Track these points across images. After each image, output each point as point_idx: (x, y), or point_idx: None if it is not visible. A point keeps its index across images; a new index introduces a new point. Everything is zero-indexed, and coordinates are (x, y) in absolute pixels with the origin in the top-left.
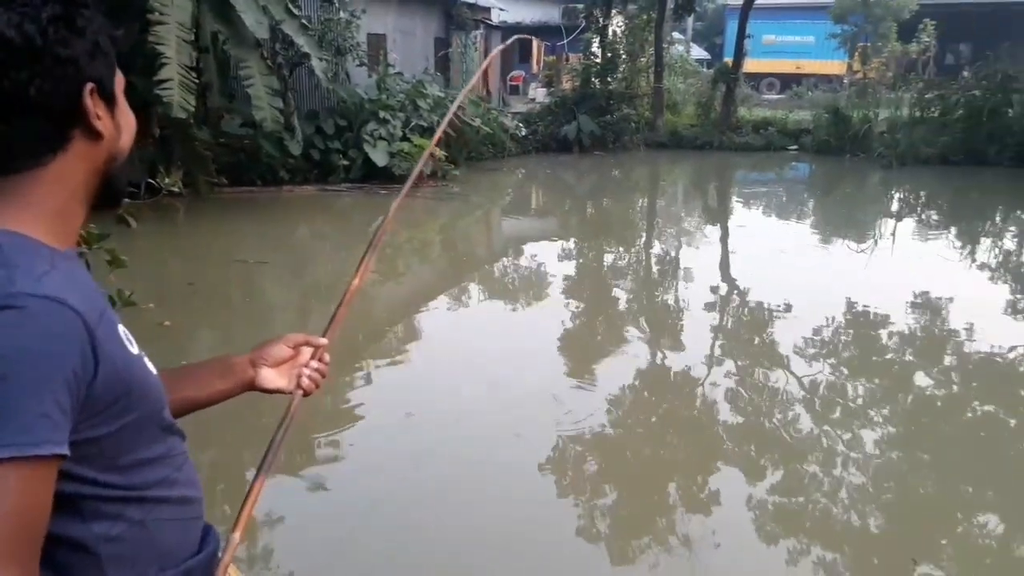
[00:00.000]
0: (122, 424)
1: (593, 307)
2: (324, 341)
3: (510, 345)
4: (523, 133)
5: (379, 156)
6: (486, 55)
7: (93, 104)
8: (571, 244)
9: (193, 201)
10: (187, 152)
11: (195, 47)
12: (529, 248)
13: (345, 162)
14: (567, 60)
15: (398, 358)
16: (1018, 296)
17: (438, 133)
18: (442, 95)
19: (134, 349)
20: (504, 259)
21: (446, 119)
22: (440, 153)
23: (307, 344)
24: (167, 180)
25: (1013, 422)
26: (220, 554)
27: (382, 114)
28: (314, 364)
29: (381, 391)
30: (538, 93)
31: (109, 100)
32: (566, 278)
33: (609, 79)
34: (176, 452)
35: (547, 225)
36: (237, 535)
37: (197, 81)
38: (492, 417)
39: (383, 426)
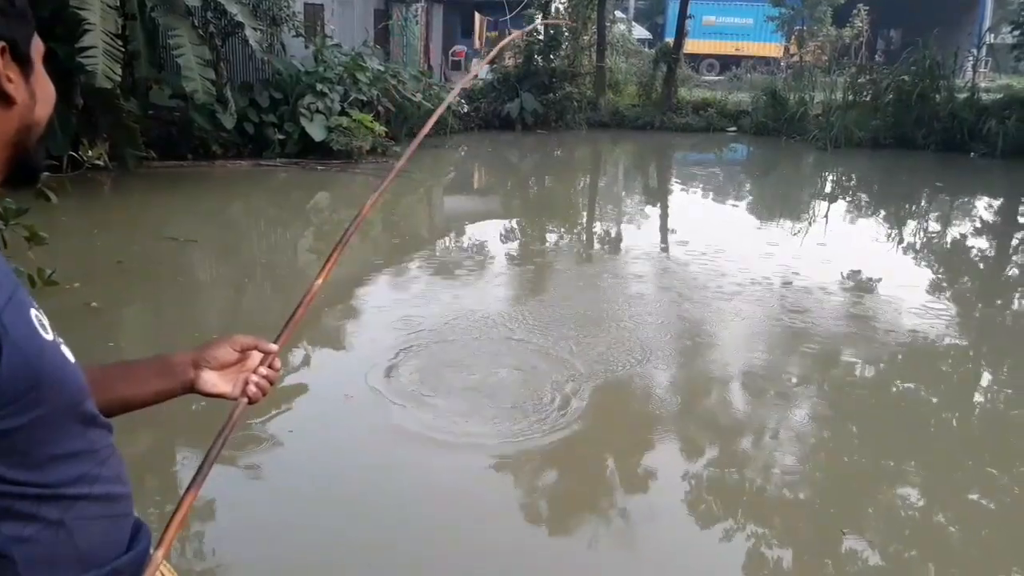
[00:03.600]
0: (34, 417)
1: (535, 286)
2: (274, 347)
3: (452, 325)
4: (465, 110)
5: (316, 130)
6: (427, 29)
7: (3, 65)
8: (514, 224)
9: (120, 175)
10: (113, 124)
11: (121, 13)
12: (472, 227)
13: (281, 136)
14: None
15: (336, 340)
16: (940, 275)
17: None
18: (382, 69)
19: (48, 335)
20: (447, 238)
21: (452, 94)
22: (380, 129)
23: (256, 348)
24: (91, 153)
25: (934, 398)
26: (152, 551)
27: (319, 87)
28: (263, 371)
29: (319, 373)
30: (480, 69)
31: (23, 64)
32: (509, 257)
33: (552, 57)
34: (99, 446)
35: (490, 204)
36: (160, 553)
37: (123, 50)
38: (432, 399)
39: (322, 409)
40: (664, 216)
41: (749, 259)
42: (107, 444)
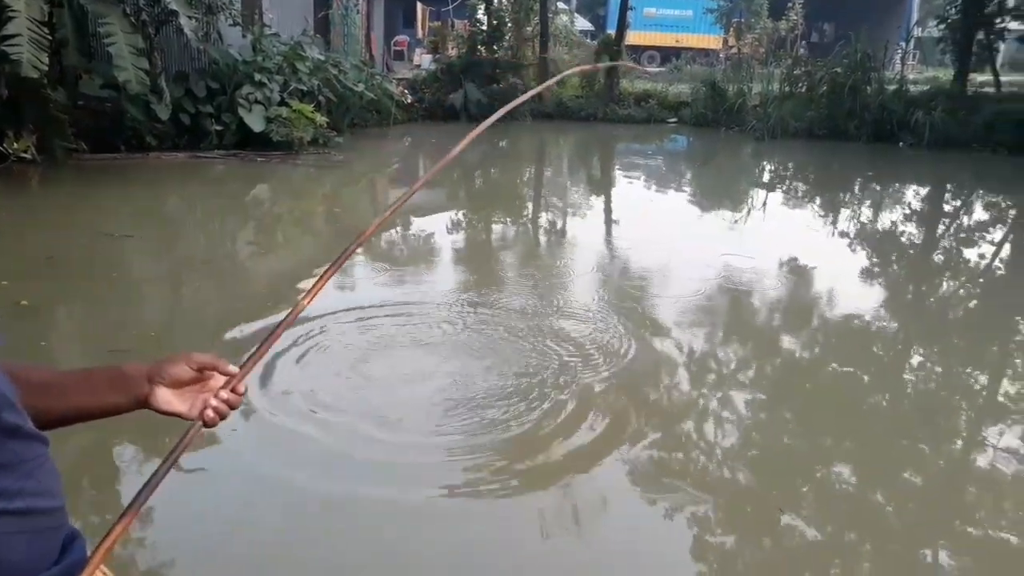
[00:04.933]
0: None
1: (482, 278)
2: (235, 370)
3: (397, 319)
4: (409, 100)
5: (255, 121)
6: (368, 18)
7: None
8: (460, 215)
9: (49, 168)
10: (40, 115)
11: (47, 0)
12: (417, 219)
13: (218, 127)
14: (453, 26)
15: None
16: (873, 261)
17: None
18: (322, 58)
19: None
20: (392, 230)
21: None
22: (321, 119)
23: (214, 369)
24: (16, 145)
25: (866, 378)
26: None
27: (258, 77)
28: (224, 394)
29: (257, 369)
30: (423, 59)
31: None
32: (455, 249)
33: (495, 47)
34: (23, 459)
35: (435, 196)
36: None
37: (50, 38)
38: (375, 399)
39: (262, 406)
40: (608, 206)
41: (689, 247)
42: (35, 456)
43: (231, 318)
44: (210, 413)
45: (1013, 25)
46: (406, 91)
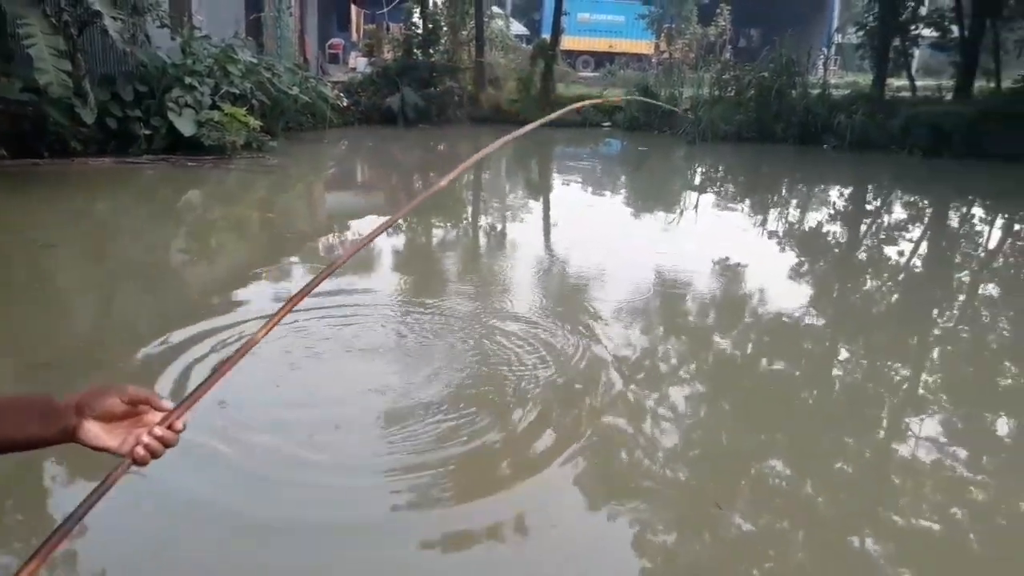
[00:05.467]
0: None
1: (420, 282)
2: (170, 405)
3: (334, 325)
4: (345, 103)
5: (186, 125)
6: (301, 21)
7: None
8: (399, 219)
9: None
10: None
11: None
12: (356, 223)
13: (147, 132)
14: (388, 29)
15: (214, 344)
16: (801, 260)
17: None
18: (255, 61)
19: None
20: (329, 235)
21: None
22: (254, 123)
23: (148, 403)
24: None
25: (797, 373)
26: None
27: (188, 80)
28: (159, 431)
29: (195, 380)
30: (358, 63)
31: None
32: (394, 252)
33: (431, 51)
34: None
35: (374, 199)
36: None
37: None
38: (309, 409)
39: (196, 418)
40: (546, 209)
41: (626, 249)
42: None
43: (160, 329)
44: (141, 451)
45: (926, 32)
46: (341, 94)
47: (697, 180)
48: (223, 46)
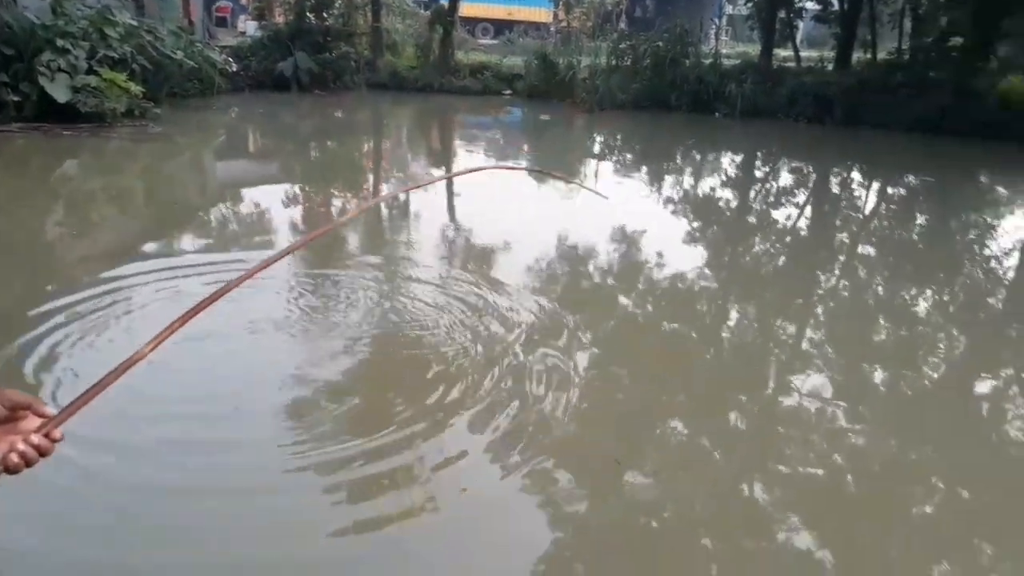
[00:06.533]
0: None
1: (321, 255)
2: (51, 412)
3: (233, 299)
4: (234, 69)
5: (59, 91)
6: None
7: None
8: (296, 188)
9: None
10: None
11: None
12: (249, 193)
13: (16, 98)
14: None
15: (96, 325)
16: (696, 225)
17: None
18: (135, 24)
19: None
20: (221, 206)
21: None
22: (136, 89)
23: (29, 409)
24: None
25: (694, 334)
26: None
27: (60, 43)
28: (35, 439)
29: (75, 363)
30: (248, 26)
31: None
32: (291, 225)
33: (325, 15)
34: None
35: (268, 168)
36: None
37: None
38: (207, 388)
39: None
40: (449, 178)
41: (529, 217)
42: None
43: (34, 309)
44: (14, 458)
45: (809, 4)
46: (230, 59)
47: (597, 148)
48: (99, 7)
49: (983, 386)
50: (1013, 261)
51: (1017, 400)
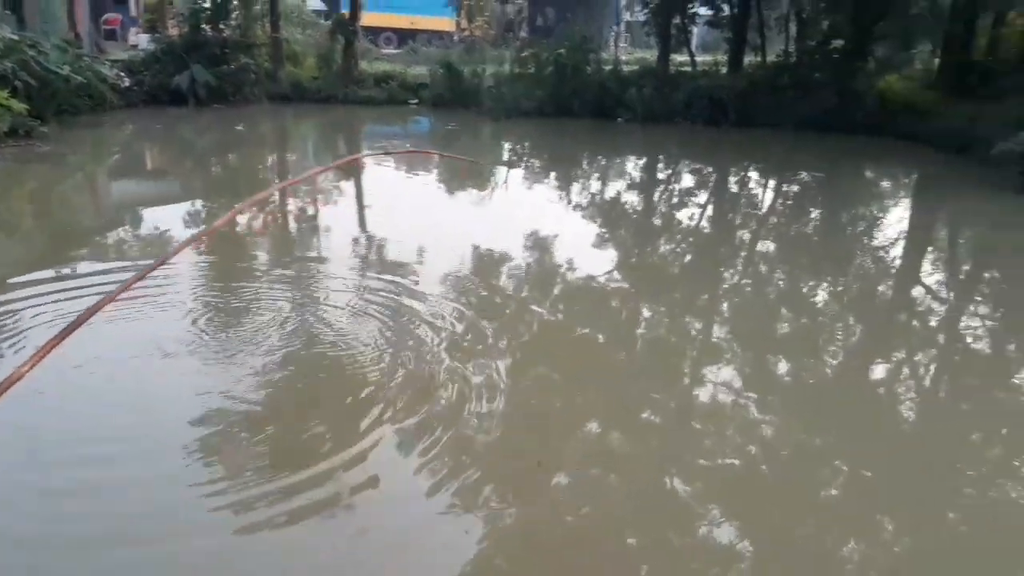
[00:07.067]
0: None
1: (226, 270)
2: None
3: (129, 322)
4: (127, 83)
5: None
6: None
7: None
8: (198, 206)
9: None
10: None
11: None
12: (149, 213)
13: None
14: (171, 2)
15: None
16: (603, 229)
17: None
18: (15, 38)
19: None
20: (119, 228)
21: None
22: (19, 107)
23: None
24: None
25: (608, 334)
26: None
27: None
28: None
29: None
30: (140, 39)
31: None
32: (195, 244)
33: (222, 26)
34: None
35: (167, 187)
36: None
37: None
38: (103, 423)
39: None
40: (359, 190)
41: (440, 226)
42: None
43: None
44: None
45: (702, 10)
46: (122, 74)
47: (505, 156)
48: None
49: (878, 371)
50: (898, 251)
51: (909, 382)
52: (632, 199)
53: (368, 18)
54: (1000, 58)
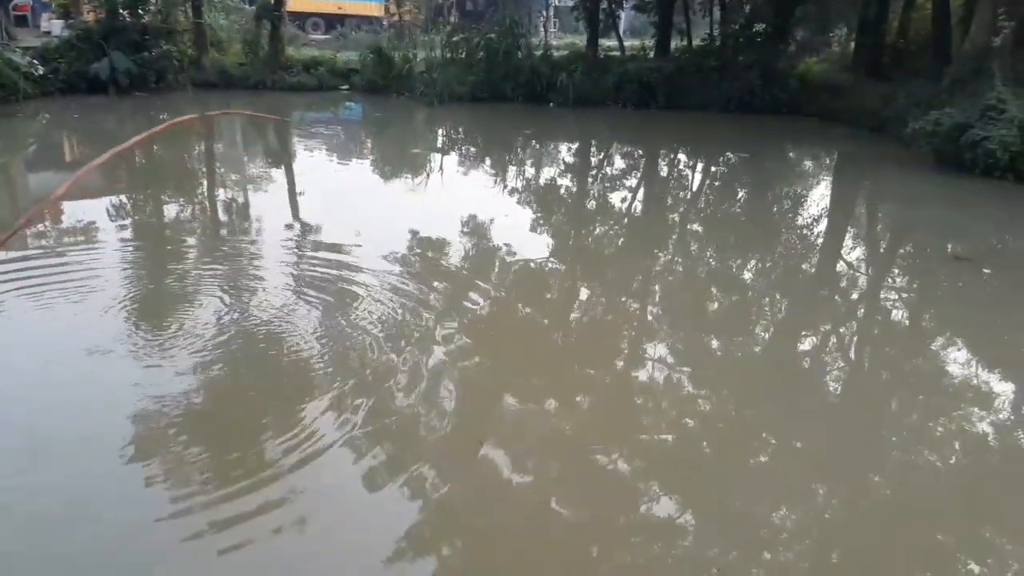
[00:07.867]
0: None
1: (156, 263)
2: None
3: (58, 319)
4: (41, 72)
5: None
6: None
7: None
8: (122, 198)
9: None
10: None
11: None
12: (70, 207)
13: None
14: None
15: None
16: (539, 213)
17: None
18: None
19: None
20: (40, 225)
21: None
22: None
23: None
24: None
25: (545, 320)
26: None
27: None
28: None
29: None
30: (53, 25)
31: None
32: (121, 238)
33: (141, 11)
34: None
35: (89, 178)
36: None
37: None
38: (20, 442)
39: None
40: (290, 179)
41: (377, 214)
42: None
43: None
44: None
45: None
46: (35, 61)
47: (439, 142)
48: None
49: (804, 344)
50: (821, 228)
51: (834, 354)
52: (566, 183)
53: (294, 3)
54: (910, 40)
